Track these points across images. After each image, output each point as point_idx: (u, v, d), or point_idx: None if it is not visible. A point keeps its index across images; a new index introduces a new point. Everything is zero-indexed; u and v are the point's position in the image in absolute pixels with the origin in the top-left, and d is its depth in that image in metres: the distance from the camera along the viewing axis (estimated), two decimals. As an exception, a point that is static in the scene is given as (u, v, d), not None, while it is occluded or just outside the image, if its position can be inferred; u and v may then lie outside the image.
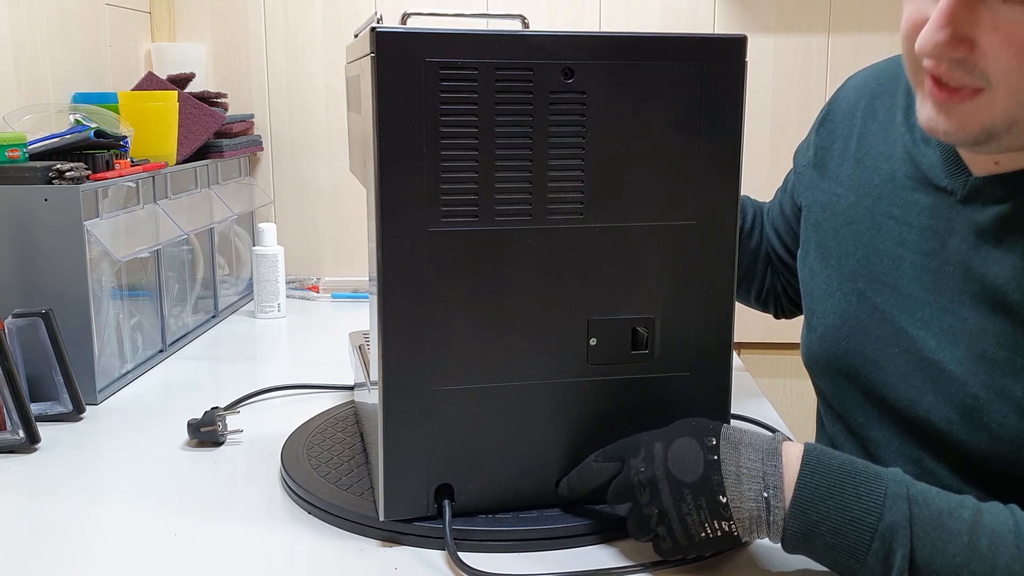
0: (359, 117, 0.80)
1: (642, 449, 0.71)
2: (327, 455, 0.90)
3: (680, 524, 0.68)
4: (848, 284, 0.88)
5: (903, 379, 0.81)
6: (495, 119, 0.71)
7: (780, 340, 1.79)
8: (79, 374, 1.06)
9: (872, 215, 0.86)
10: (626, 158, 0.74)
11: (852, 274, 0.87)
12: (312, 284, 1.70)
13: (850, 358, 0.87)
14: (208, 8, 1.72)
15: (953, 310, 0.77)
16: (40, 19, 1.36)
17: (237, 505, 0.85)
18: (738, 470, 0.68)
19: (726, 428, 0.71)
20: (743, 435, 0.70)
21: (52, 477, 0.91)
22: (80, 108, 1.31)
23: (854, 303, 0.87)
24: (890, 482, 0.65)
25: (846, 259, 0.88)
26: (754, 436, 0.71)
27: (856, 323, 0.86)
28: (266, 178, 1.78)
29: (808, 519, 0.65)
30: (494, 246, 0.73)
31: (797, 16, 1.69)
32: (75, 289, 1.08)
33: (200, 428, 0.98)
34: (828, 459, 0.67)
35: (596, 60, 0.71)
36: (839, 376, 0.89)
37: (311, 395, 1.14)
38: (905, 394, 0.81)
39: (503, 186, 0.72)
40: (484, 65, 0.70)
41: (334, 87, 1.73)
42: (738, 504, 0.67)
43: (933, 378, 0.78)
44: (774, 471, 0.67)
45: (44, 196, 1.06)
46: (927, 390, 0.79)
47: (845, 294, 0.88)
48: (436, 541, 0.75)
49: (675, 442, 0.70)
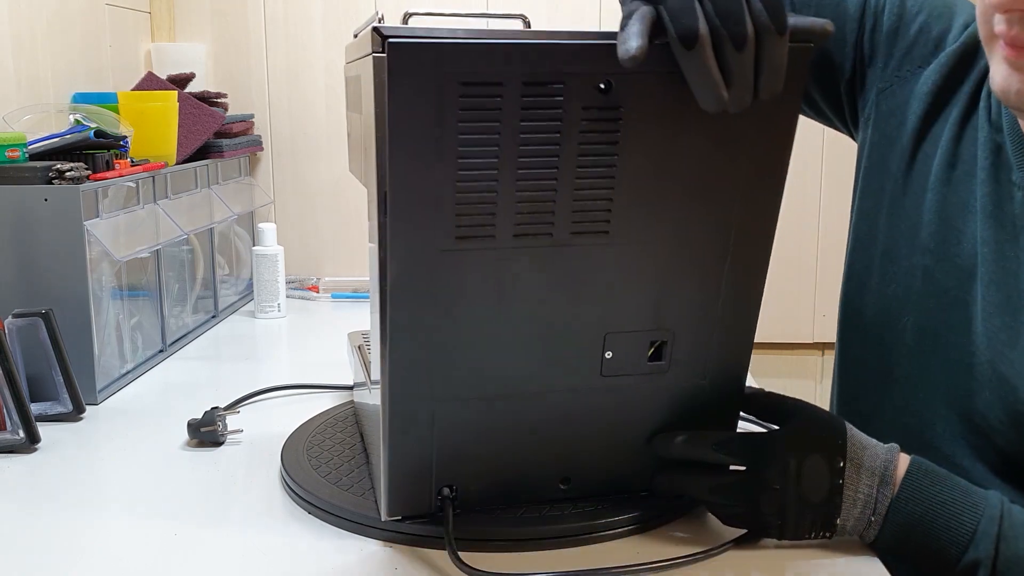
0: (359, 117, 0.80)
1: (776, 461, 0.72)
2: (327, 455, 0.90)
3: (792, 531, 0.73)
4: (916, 257, 0.84)
5: (965, 370, 0.79)
6: (519, 136, 0.65)
7: (781, 340, 1.79)
8: (79, 374, 1.06)
9: (942, 189, 0.82)
10: (662, 175, 0.68)
11: (922, 248, 0.83)
12: (312, 284, 1.70)
13: (907, 336, 0.84)
14: (208, 8, 1.72)
15: (1016, 311, 0.75)
16: (40, 19, 1.36)
17: (237, 505, 0.84)
18: (855, 495, 0.72)
19: (850, 444, 0.72)
20: (863, 454, 0.72)
21: (52, 477, 0.91)
22: (80, 108, 1.31)
23: (919, 279, 0.83)
24: (983, 518, 0.69)
25: (915, 230, 0.84)
26: (873, 457, 0.72)
27: (919, 300, 0.83)
28: (266, 178, 1.78)
29: (897, 543, 0.71)
30: (510, 265, 0.69)
31: (797, 16, 1.68)
32: (75, 289, 1.08)
33: (200, 428, 0.98)
34: (929, 483, 0.71)
35: (637, 70, 0.62)
36: (889, 345, 0.87)
37: (311, 395, 1.14)
38: (966, 385, 0.79)
39: (524, 204, 0.67)
40: (510, 79, 0.63)
41: (334, 87, 1.73)
42: (845, 523, 0.72)
43: (989, 376, 0.77)
44: (884, 499, 0.71)
45: (44, 196, 1.06)
46: (985, 386, 0.77)
47: (911, 267, 0.84)
48: (436, 541, 0.75)
49: (807, 460, 0.72)
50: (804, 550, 0.75)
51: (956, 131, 0.83)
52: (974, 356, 0.78)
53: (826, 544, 0.75)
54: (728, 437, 0.76)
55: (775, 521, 0.73)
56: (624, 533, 0.77)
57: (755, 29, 0.61)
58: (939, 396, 0.82)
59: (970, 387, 0.79)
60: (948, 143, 0.83)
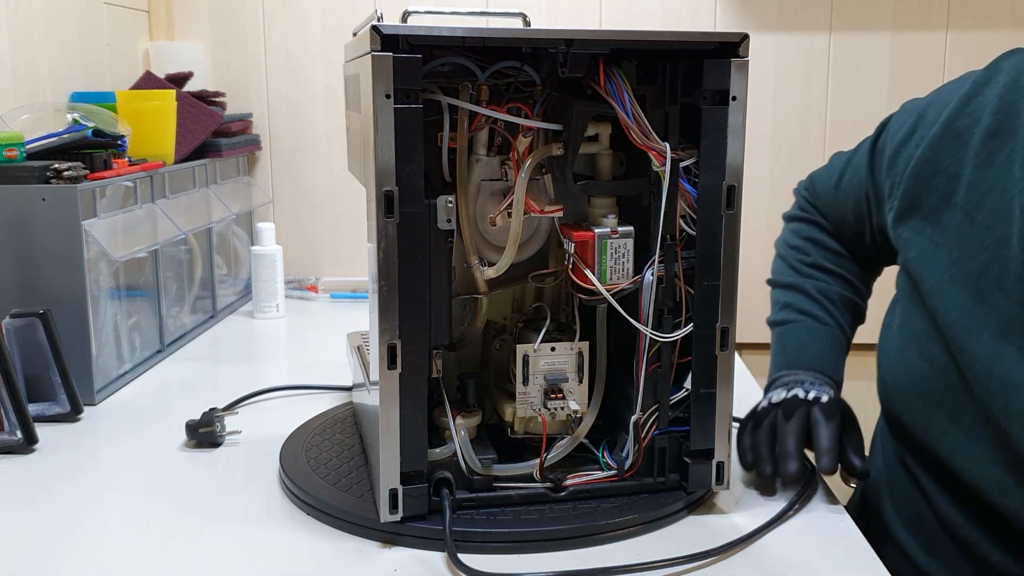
0: (358, 116, 0.79)
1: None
2: (326, 456, 0.90)
3: None
4: (945, 339, 0.84)
5: (989, 463, 0.80)
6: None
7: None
8: (77, 375, 1.06)
9: (978, 281, 0.81)
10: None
11: (953, 331, 0.82)
12: (311, 284, 1.70)
13: (933, 420, 0.86)
14: (206, 7, 1.72)
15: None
16: (38, 18, 1.35)
17: (235, 506, 0.84)
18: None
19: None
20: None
21: (50, 478, 0.90)
22: (78, 107, 1.30)
23: (947, 360, 0.83)
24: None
25: (946, 314, 0.83)
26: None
27: (937, 389, 0.85)
28: (264, 177, 1.77)
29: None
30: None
31: (798, 14, 1.68)
32: (73, 289, 1.08)
33: (198, 429, 0.98)
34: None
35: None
36: (917, 416, 0.89)
37: (310, 396, 1.14)
38: (988, 477, 0.80)
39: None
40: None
41: (333, 86, 1.73)
42: None
43: (1019, 468, 0.78)
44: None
45: (42, 196, 1.05)
46: (1012, 478, 0.78)
47: (938, 352, 0.85)
48: (436, 542, 0.75)
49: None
50: (804, 553, 0.75)
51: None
52: (1000, 448, 0.81)
53: (826, 550, 0.75)
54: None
55: None
56: (624, 533, 0.77)
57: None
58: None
59: (994, 479, 0.81)
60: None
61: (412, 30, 0.69)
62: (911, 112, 0.92)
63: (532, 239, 0.81)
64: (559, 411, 0.80)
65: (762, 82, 1.70)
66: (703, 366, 0.79)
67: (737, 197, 0.76)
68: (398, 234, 0.72)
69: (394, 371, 0.73)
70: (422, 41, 0.70)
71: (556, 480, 0.79)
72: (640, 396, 0.79)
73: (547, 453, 0.80)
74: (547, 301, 0.85)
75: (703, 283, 0.77)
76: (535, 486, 0.79)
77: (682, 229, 0.77)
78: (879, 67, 1.68)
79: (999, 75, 0.84)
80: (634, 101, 0.74)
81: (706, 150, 0.75)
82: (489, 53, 0.73)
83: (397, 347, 0.73)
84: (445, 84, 0.74)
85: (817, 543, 0.76)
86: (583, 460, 0.82)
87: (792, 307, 1.02)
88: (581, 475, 0.81)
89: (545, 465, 0.79)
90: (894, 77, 1.68)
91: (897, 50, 1.68)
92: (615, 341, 0.82)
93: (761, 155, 1.71)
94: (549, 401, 0.79)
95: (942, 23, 1.66)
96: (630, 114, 0.74)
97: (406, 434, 0.74)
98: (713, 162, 0.76)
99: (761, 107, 1.71)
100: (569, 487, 0.80)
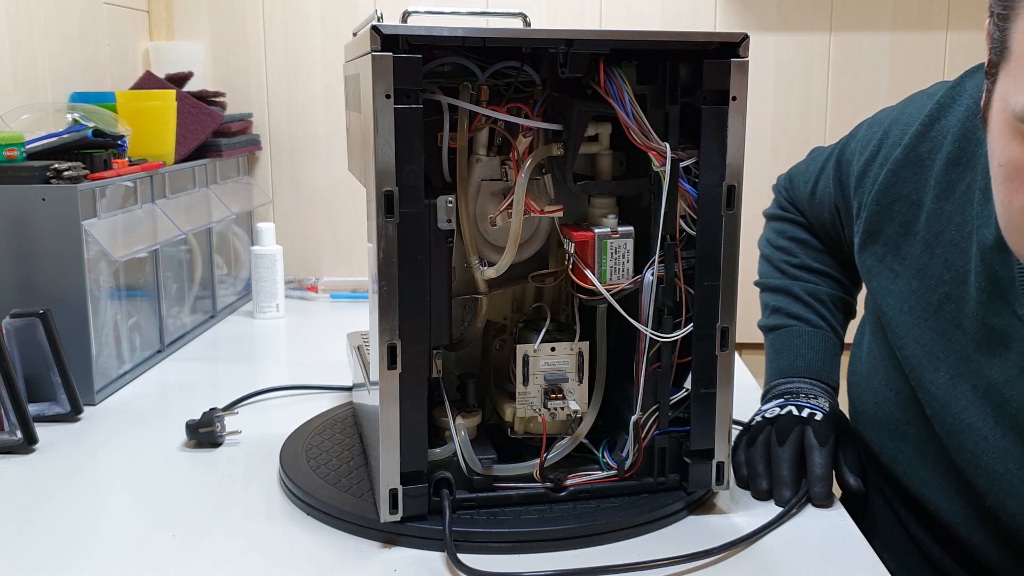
0: (358, 116, 0.79)
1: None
2: (326, 456, 0.90)
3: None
4: (906, 373, 0.84)
5: (955, 496, 0.80)
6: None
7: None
8: (77, 375, 1.06)
9: (937, 316, 0.80)
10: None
11: (910, 366, 0.82)
12: (311, 284, 1.70)
13: (900, 450, 0.87)
14: (206, 7, 1.72)
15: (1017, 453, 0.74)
16: (38, 18, 1.35)
17: (236, 506, 0.84)
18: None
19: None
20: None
21: (50, 478, 0.90)
22: (78, 107, 1.30)
23: (911, 391, 0.83)
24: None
25: (903, 348, 0.83)
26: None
27: (903, 419, 0.85)
28: (264, 177, 1.77)
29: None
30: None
31: (798, 14, 1.68)
32: (73, 289, 1.08)
33: (198, 429, 0.98)
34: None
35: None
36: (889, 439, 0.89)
37: (310, 396, 1.14)
38: (954, 511, 0.81)
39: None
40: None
41: (333, 86, 1.73)
42: None
43: (980, 504, 0.78)
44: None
45: (42, 196, 1.05)
46: (976, 514, 0.78)
47: (902, 382, 0.85)
48: (436, 542, 0.75)
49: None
50: (804, 553, 0.75)
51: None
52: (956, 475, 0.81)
53: (826, 550, 0.75)
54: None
55: None
56: (624, 533, 0.77)
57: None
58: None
59: (940, 498, 0.83)
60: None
61: (412, 30, 0.69)
62: (879, 125, 0.90)
63: (532, 239, 0.81)
64: (559, 411, 0.80)
65: (762, 82, 1.70)
66: (703, 366, 0.79)
67: (737, 197, 0.76)
68: (398, 234, 0.72)
69: (394, 371, 0.73)
70: (422, 41, 0.70)
71: (556, 480, 0.79)
72: (640, 396, 0.79)
73: (547, 453, 0.80)
74: (547, 301, 0.85)
75: (703, 283, 0.77)
76: (535, 486, 0.79)
77: (682, 229, 0.77)
78: (879, 67, 1.68)
79: (962, 97, 0.81)
80: (634, 101, 0.74)
81: (706, 150, 0.75)
82: (489, 53, 0.73)
83: (397, 347, 0.73)
84: (445, 84, 0.74)
85: (817, 543, 0.76)
86: (583, 460, 0.82)
87: (783, 311, 1.02)
88: (581, 475, 0.81)
89: (545, 465, 0.80)
90: (894, 77, 1.68)
91: (897, 50, 1.68)
92: (615, 341, 0.82)
93: (761, 155, 1.71)
94: (549, 401, 0.79)
95: (942, 23, 1.67)
96: (630, 114, 0.74)
97: (406, 434, 0.74)
98: (713, 162, 0.76)
99: (761, 107, 1.71)
100: (569, 487, 0.80)
